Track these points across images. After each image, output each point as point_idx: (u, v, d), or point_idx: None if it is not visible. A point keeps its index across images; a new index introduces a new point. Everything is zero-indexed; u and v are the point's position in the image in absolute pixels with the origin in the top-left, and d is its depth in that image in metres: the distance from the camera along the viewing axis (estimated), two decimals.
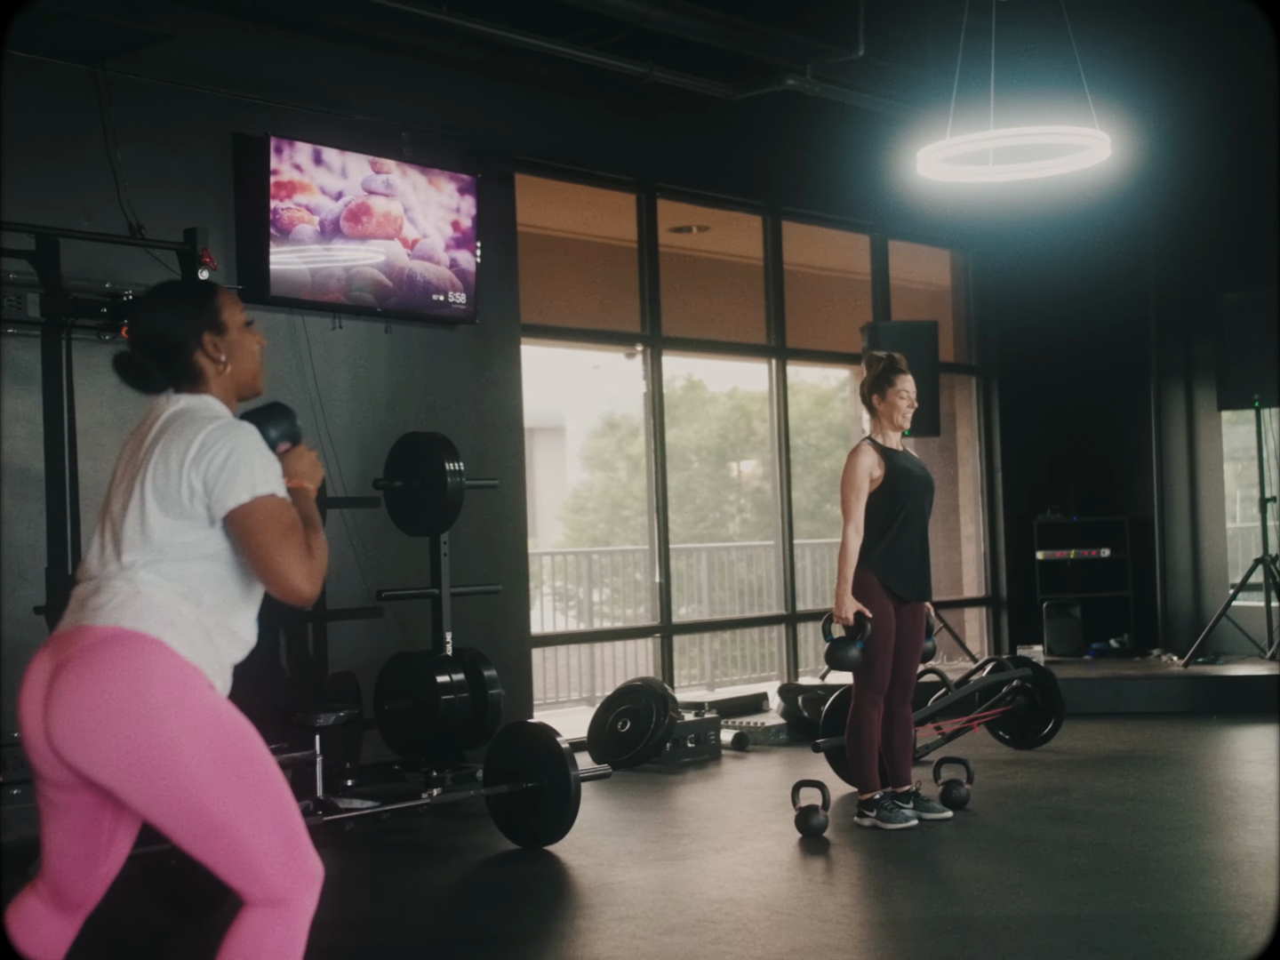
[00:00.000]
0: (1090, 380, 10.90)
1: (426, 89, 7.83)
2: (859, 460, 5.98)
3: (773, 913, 4.81)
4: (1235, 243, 10.24)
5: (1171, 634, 10.58)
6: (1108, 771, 7.15)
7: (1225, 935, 4.40)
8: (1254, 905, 4.68)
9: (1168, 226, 10.50)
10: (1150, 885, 4.99)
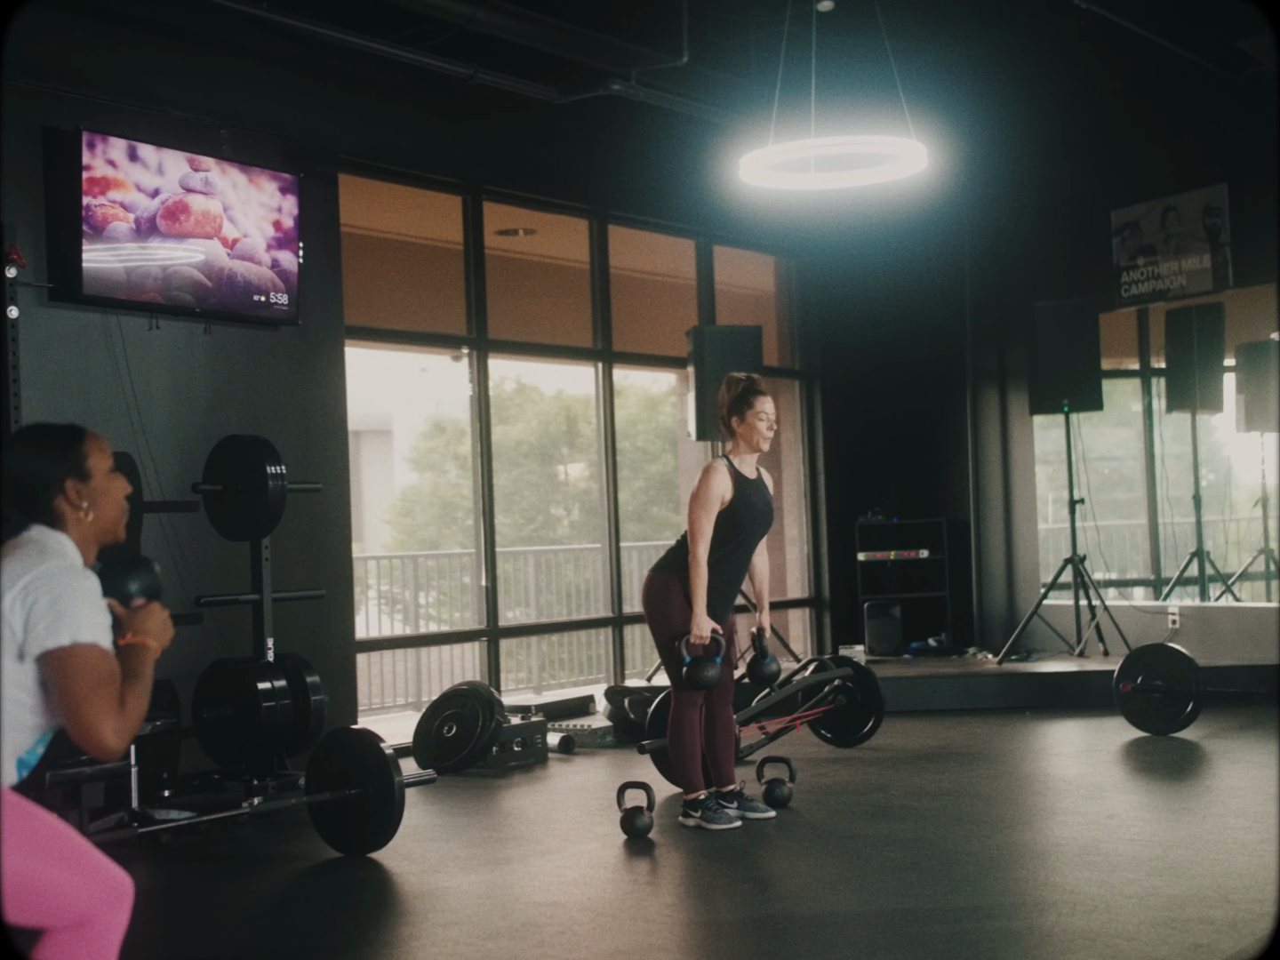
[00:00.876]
0: (909, 385, 11.16)
1: (247, 86, 7.70)
2: (713, 480, 5.98)
3: (597, 914, 4.83)
4: (1046, 252, 10.58)
5: (987, 632, 10.88)
6: (925, 767, 7.32)
7: (1032, 923, 4.54)
8: (1060, 894, 4.84)
9: (982, 235, 10.80)
10: (963, 877, 5.12)
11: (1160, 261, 9.89)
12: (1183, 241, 9.76)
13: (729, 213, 10.08)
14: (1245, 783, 6.85)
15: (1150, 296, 10.04)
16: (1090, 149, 10.29)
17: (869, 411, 11.28)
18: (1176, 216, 9.80)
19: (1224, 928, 4.32)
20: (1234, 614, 9.86)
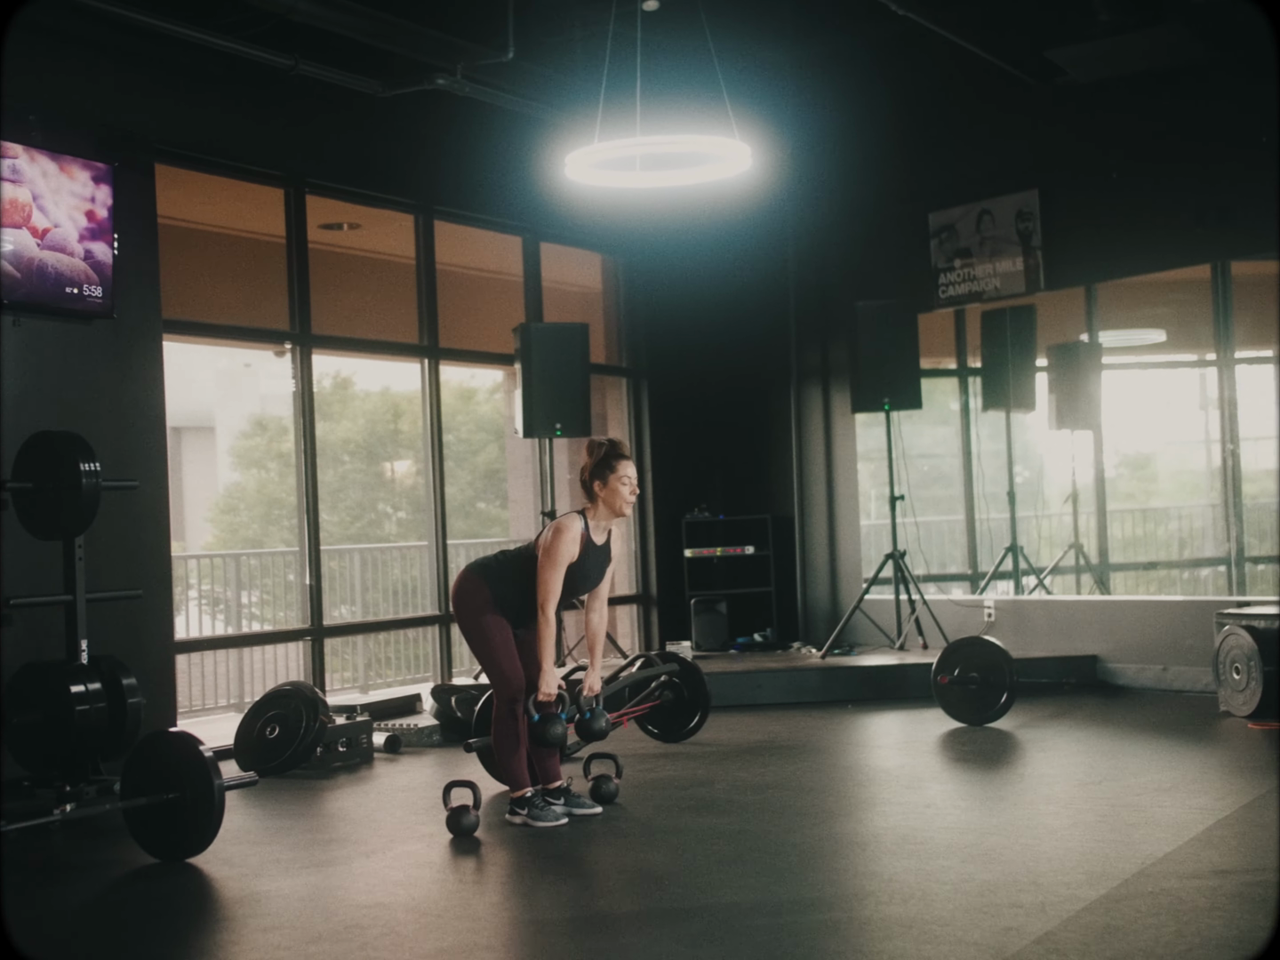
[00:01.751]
0: (735, 383, 11.29)
1: (58, 72, 7.46)
2: (566, 542, 5.96)
3: (421, 915, 4.79)
4: (867, 253, 10.79)
5: (811, 627, 11.06)
6: (750, 761, 7.40)
7: (852, 913, 4.63)
8: (879, 883, 4.94)
9: (806, 235, 10.97)
10: (786, 869, 5.19)
11: (976, 264, 10.15)
12: (997, 245, 10.03)
13: (556, 210, 10.09)
14: (1055, 770, 7.07)
15: (966, 298, 10.31)
16: (909, 152, 10.52)
17: (695, 409, 11.38)
18: (991, 220, 10.07)
19: (1033, 911, 4.45)
20: (1045, 607, 10.17)
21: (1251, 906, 4.43)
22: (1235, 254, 9.40)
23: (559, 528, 6.00)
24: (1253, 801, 5.89)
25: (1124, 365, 11.66)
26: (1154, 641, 9.34)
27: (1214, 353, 10.56)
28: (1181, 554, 12.21)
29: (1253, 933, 4.16)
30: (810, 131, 10.70)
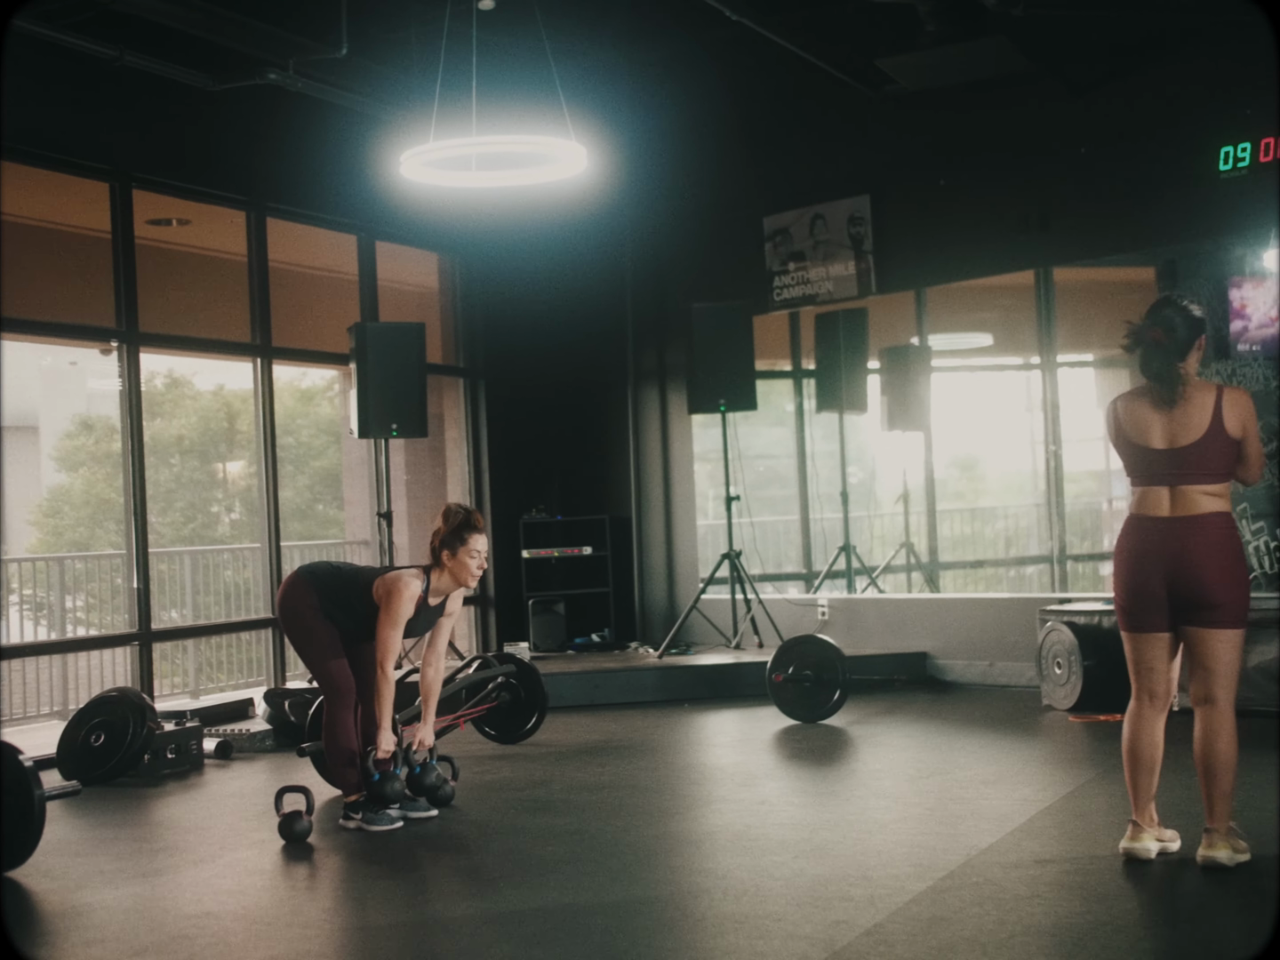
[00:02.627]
0: (573, 383, 11.30)
1: None
2: (406, 596, 5.91)
3: (252, 923, 4.71)
4: (704, 255, 10.88)
5: (648, 627, 11.12)
6: (587, 761, 7.42)
7: (686, 910, 4.67)
8: (713, 880, 4.99)
9: (643, 237, 11.04)
10: (621, 868, 5.21)
11: (809, 267, 10.31)
12: (830, 248, 10.20)
13: (392, 208, 9.99)
14: (885, 765, 7.21)
15: (800, 300, 10.46)
16: (745, 156, 10.64)
17: (533, 410, 11.37)
18: (824, 224, 10.23)
19: (863, 903, 4.53)
20: (877, 605, 10.36)
21: (1069, 894, 4.57)
22: (1057, 260, 9.68)
23: (398, 587, 5.92)
24: (1073, 792, 6.07)
25: (952, 368, 11.93)
26: (981, 638, 9.58)
27: (1038, 356, 10.87)
28: (1008, 552, 12.53)
29: (1070, 918, 4.29)
30: (647, 134, 10.76)
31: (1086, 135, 9.14)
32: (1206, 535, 4.72)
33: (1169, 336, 4.82)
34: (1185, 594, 4.74)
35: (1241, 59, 8.43)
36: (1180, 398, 4.78)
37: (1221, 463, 4.74)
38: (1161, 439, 4.79)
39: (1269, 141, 8.21)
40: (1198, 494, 4.74)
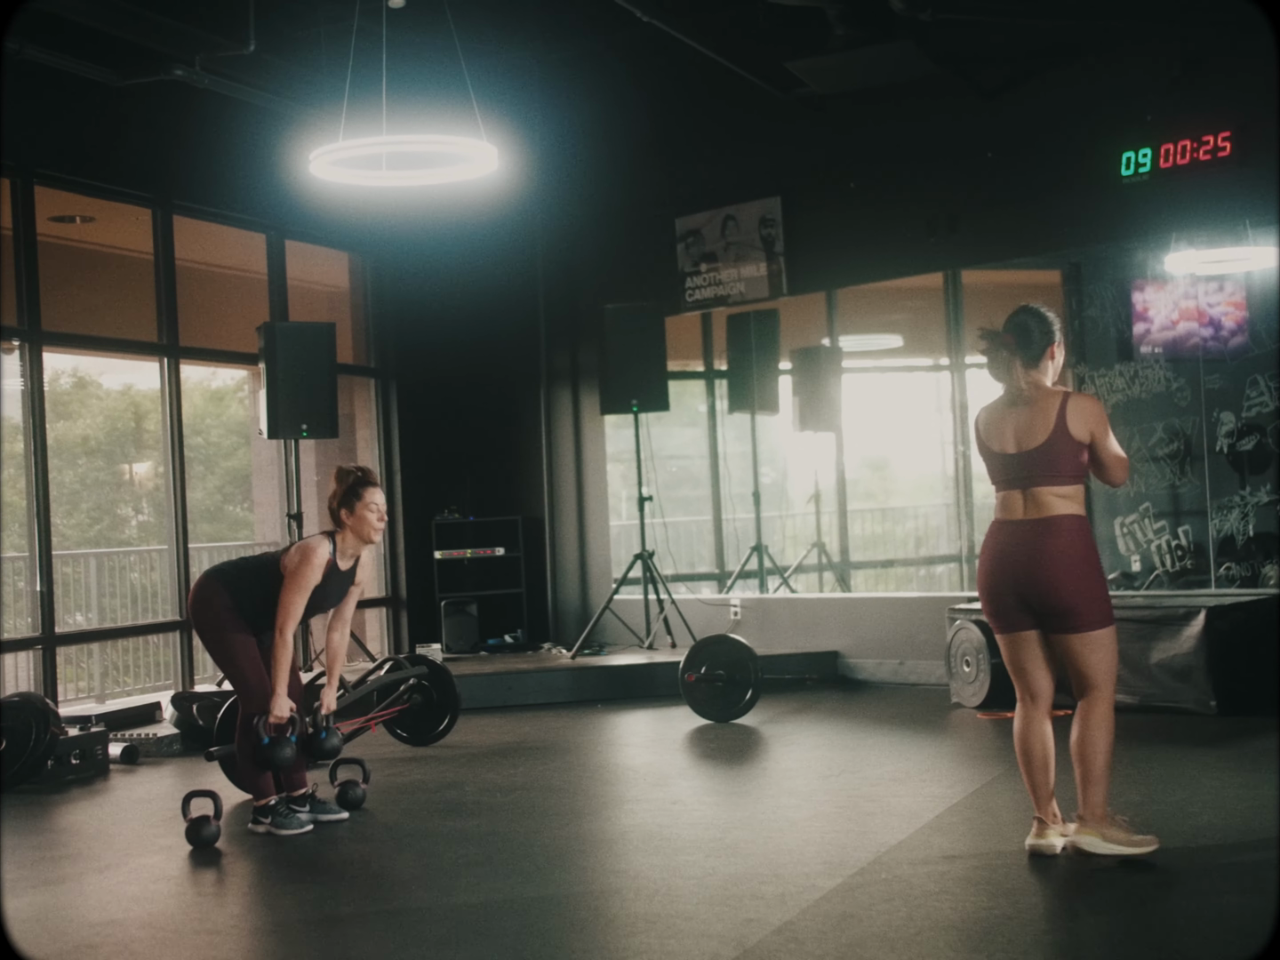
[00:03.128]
0: (485, 384, 11.27)
1: None
2: (314, 563, 5.88)
3: (158, 930, 4.65)
4: (616, 256, 10.89)
5: (561, 627, 11.11)
6: (500, 763, 7.40)
7: (598, 910, 4.67)
8: (625, 880, 4.99)
9: (556, 237, 11.02)
10: (534, 869, 5.20)
11: (721, 268, 10.35)
12: (741, 250, 10.24)
13: (302, 207, 9.90)
14: (797, 764, 7.26)
15: (712, 301, 10.50)
16: (657, 157, 10.66)
17: (445, 410, 11.32)
18: (736, 226, 10.28)
19: (774, 901, 4.56)
20: (789, 605, 10.42)
21: (976, 889, 4.63)
22: (965, 263, 9.79)
23: (306, 552, 5.91)
24: (980, 788, 6.15)
25: (863, 369, 12.04)
26: (891, 636, 9.67)
27: (946, 358, 10.99)
28: (918, 552, 12.67)
29: (976, 913, 4.35)
30: (559, 134, 10.75)
31: (993, 139, 9.25)
32: (1057, 539, 4.79)
33: (1021, 342, 4.92)
34: (1038, 600, 4.82)
35: (1142, 66, 8.57)
36: (1026, 402, 4.88)
37: (1069, 466, 4.83)
38: (1013, 443, 4.90)
39: (1169, 147, 8.36)
40: (1049, 496, 4.83)
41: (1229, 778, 6.10)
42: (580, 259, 11.01)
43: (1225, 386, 8.76)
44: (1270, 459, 8.52)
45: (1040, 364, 4.95)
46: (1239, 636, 7.74)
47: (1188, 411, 8.78)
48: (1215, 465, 8.76)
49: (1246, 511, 8.88)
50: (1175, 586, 9.29)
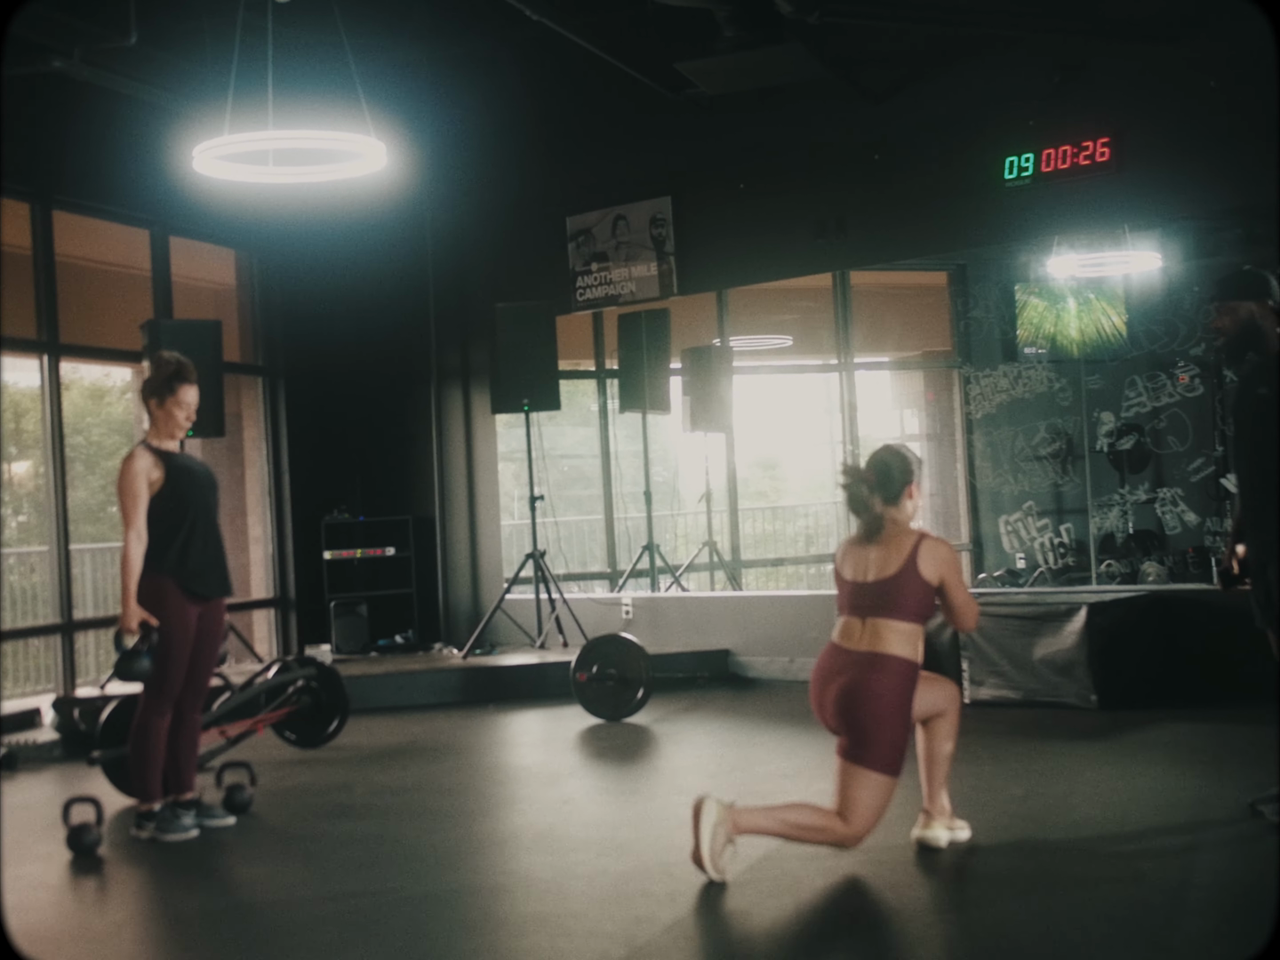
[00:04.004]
0: (375, 383, 11.18)
1: None
2: (134, 465, 5.81)
3: (36, 940, 4.54)
4: (507, 254, 10.86)
5: (452, 628, 11.05)
6: (390, 764, 7.35)
7: (489, 911, 4.66)
8: (515, 880, 4.99)
9: (447, 235, 10.96)
10: (423, 870, 5.18)
11: (612, 268, 10.36)
12: (632, 249, 10.26)
13: (187, 203, 9.73)
14: (688, 762, 7.29)
15: (603, 301, 10.51)
16: (548, 156, 10.64)
17: (335, 409, 11.21)
18: (626, 225, 10.30)
19: (664, 899, 4.58)
20: (681, 603, 10.46)
21: (863, 883, 4.68)
22: (853, 264, 9.90)
23: (125, 459, 5.88)
24: None
25: (754, 369, 12.13)
26: (782, 634, 9.74)
27: (835, 358, 11.11)
28: (808, 550, 12.80)
29: (864, 907, 4.40)
30: (449, 132, 10.69)
31: (881, 142, 9.36)
32: (881, 678, 4.78)
33: (881, 481, 4.98)
34: (840, 720, 4.83)
35: (1024, 72, 8.72)
36: (883, 537, 4.93)
37: (913, 603, 4.86)
38: (864, 573, 4.94)
39: (1050, 152, 8.51)
40: (887, 630, 4.84)
41: (1108, 770, 6.23)
42: (471, 257, 10.97)
43: (1105, 387, 8.95)
44: (1149, 458, 8.72)
45: (899, 502, 5.01)
46: (1119, 632, 7.91)
47: (1069, 411, 8.96)
48: (1096, 464, 8.94)
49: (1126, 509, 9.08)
50: (1058, 583, 9.47)
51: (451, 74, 10.50)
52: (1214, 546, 8.97)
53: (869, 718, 4.76)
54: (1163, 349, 8.69)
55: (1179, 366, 8.67)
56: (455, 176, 10.82)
